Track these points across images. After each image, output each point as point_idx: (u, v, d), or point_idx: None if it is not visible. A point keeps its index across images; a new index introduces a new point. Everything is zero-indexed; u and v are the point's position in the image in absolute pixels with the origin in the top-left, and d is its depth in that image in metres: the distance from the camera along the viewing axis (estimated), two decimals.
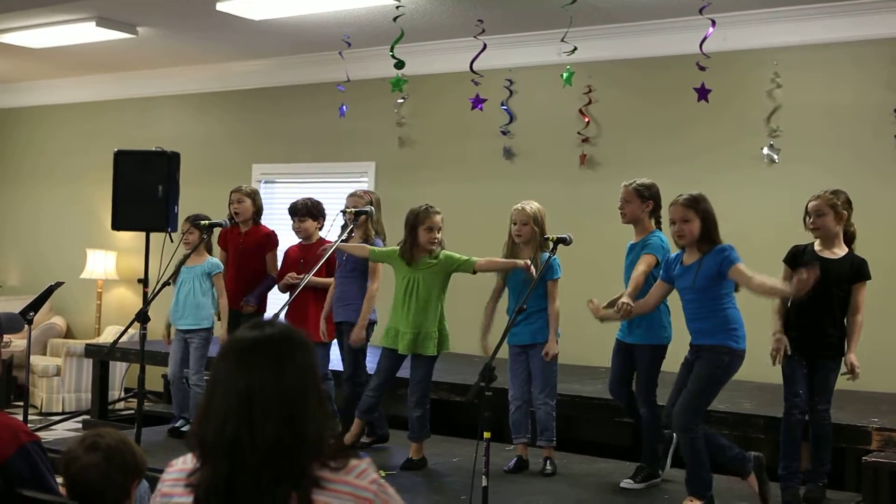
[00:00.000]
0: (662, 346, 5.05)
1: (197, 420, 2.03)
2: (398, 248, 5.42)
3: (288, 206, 6.38)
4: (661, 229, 5.15)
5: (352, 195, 5.95)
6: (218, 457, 1.94)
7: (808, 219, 4.91)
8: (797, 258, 4.93)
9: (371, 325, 5.83)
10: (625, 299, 4.71)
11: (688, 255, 4.70)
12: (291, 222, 6.31)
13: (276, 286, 6.48)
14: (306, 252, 6.19)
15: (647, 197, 5.11)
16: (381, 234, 5.88)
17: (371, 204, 5.80)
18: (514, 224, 5.38)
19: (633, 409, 5.18)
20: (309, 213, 6.24)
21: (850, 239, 4.92)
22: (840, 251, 4.86)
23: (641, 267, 4.89)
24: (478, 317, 5.48)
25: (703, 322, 4.63)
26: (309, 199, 6.35)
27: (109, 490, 2.61)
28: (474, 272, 5.34)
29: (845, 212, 4.84)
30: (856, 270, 4.83)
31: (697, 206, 4.65)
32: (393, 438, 6.00)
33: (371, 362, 5.92)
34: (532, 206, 5.37)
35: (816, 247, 4.90)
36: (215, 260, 6.42)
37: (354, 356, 5.87)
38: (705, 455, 4.64)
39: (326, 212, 6.39)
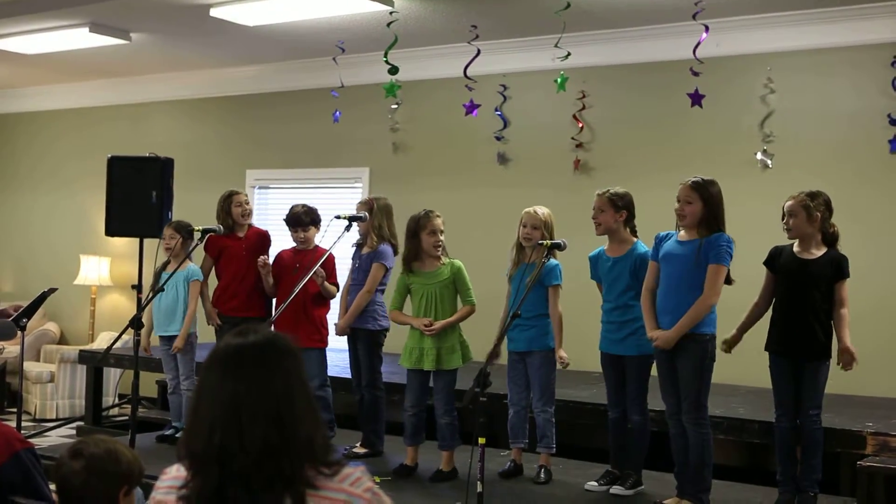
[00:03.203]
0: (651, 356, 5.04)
1: (185, 430, 2.02)
2: (401, 269, 5.47)
3: (286, 213, 6.19)
4: (637, 237, 5.17)
5: (359, 202, 6.02)
6: (208, 466, 1.93)
7: (783, 219, 4.92)
8: (775, 259, 4.95)
9: (384, 332, 5.88)
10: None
11: (686, 233, 4.79)
12: (292, 232, 6.14)
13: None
14: (302, 257, 6.13)
15: (620, 207, 5.11)
16: (389, 240, 5.83)
17: (370, 210, 5.79)
18: (525, 227, 5.34)
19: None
20: (312, 223, 6.14)
21: (830, 240, 4.85)
22: (818, 251, 4.83)
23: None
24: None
25: (683, 296, 4.67)
26: (307, 206, 6.18)
27: (90, 497, 2.57)
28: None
29: (818, 213, 4.79)
30: (836, 268, 4.78)
31: (703, 190, 4.73)
32: (388, 444, 5.97)
33: (386, 369, 5.96)
34: (543, 211, 5.36)
35: (795, 248, 4.89)
36: (196, 267, 6.33)
37: (371, 362, 5.87)
38: (711, 453, 4.66)
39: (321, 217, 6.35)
